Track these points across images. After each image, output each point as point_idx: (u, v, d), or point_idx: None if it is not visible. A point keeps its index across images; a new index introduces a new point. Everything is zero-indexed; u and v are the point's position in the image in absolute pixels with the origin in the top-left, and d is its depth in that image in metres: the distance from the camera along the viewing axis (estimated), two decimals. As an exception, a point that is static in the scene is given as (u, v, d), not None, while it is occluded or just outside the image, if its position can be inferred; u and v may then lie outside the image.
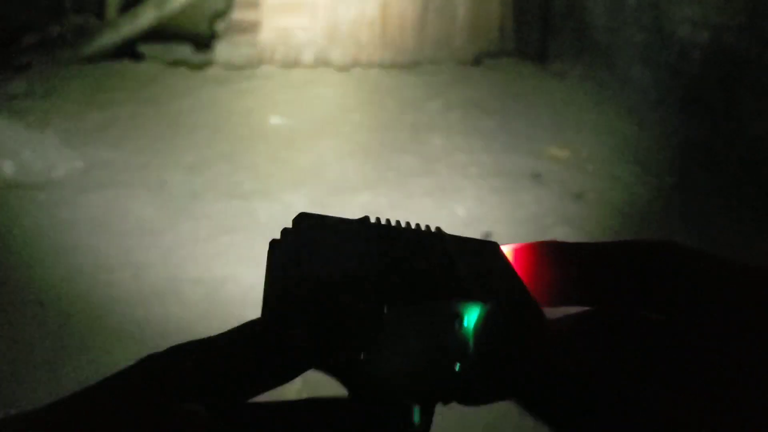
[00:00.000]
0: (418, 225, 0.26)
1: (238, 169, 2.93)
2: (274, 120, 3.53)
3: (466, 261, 0.24)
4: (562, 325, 0.23)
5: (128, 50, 4.25)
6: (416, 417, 0.22)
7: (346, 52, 4.48)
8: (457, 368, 0.22)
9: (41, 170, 2.82)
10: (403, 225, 0.26)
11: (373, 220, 0.26)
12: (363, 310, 0.21)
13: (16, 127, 3.12)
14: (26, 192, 2.66)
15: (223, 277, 2.14)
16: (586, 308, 0.24)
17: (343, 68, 4.40)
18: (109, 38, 4.26)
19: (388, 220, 0.26)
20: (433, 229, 0.26)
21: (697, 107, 3.40)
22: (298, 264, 0.23)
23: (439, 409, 0.23)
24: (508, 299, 0.23)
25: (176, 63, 4.21)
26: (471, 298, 0.22)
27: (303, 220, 0.25)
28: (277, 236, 0.27)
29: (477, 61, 4.60)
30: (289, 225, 0.26)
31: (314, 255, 0.23)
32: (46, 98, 3.60)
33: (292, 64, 4.39)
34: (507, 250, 0.26)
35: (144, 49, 4.28)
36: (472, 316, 0.22)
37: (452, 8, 4.62)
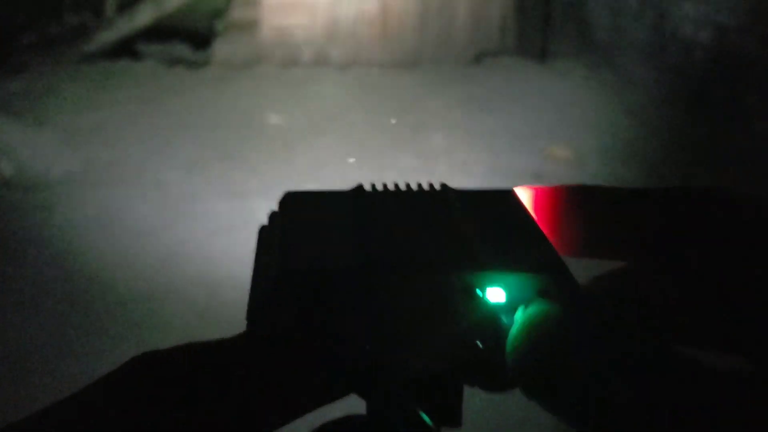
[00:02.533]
0: (420, 185, 0.24)
1: (237, 169, 2.92)
2: (273, 119, 3.52)
3: (477, 221, 0.22)
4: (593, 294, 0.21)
5: (127, 49, 4.24)
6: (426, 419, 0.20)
7: (345, 51, 4.47)
8: (480, 345, 0.20)
9: (39, 170, 2.81)
10: (404, 187, 0.23)
11: (368, 186, 0.24)
12: (359, 295, 0.19)
13: (14, 127, 3.11)
14: (24, 192, 2.65)
15: (223, 277, 2.13)
16: (617, 265, 0.22)
17: (343, 67, 4.39)
18: (107, 37, 4.25)
19: (385, 185, 0.24)
20: (438, 186, 0.24)
21: (700, 107, 3.39)
22: (285, 252, 0.21)
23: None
24: (529, 268, 0.20)
25: (175, 62, 4.20)
26: (482, 267, 0.20)
27: (289, 200, 0.23)
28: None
29: (477, 60, 4.59)
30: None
31: (301, 241, 0.21)
32: (44, 97, 3.59)
33: (291, 62, 4.38)
34: (527, 194, 0.23)
35: (142, 47, 4.27)
36: (487, 288, 0.20)
37: (452, 7, 4.61)
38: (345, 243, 0.21)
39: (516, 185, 0.25)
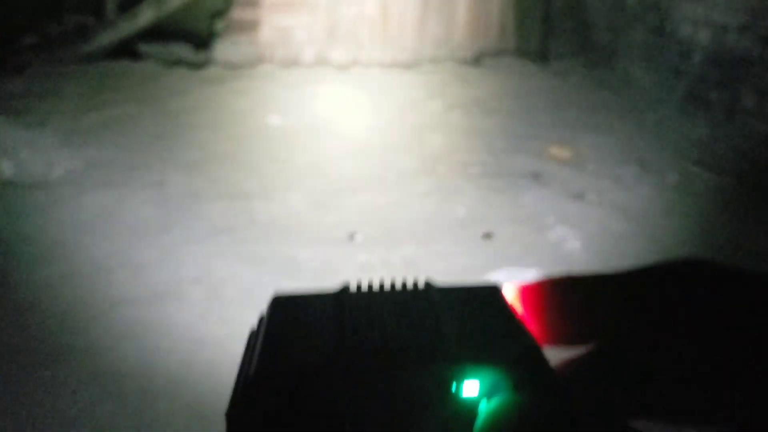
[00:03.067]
0: (404, 283, 0.24)
1: (237, 169, 2.92)
2: (274, 119, 3.52)
3: (457, 317, 0.22)
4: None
5: (127, 50, 4.24)
6: None
7: (345, 51, 4.48)
8: None
9: (40, 170, 2.81)
10: (388, 284, 0.24)
11: (354, 284, 0.24)
12: (334, 394, 0.20)
13: (14, 127, 3.11)
14: (25, 192, 2.65)
15: (223, 277, 2.14)
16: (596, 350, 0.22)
17: (343, 67, 4.40)
18: (108, 38, 4.25)
19: (370, 285, 0.24)
20: (422, 282, 0.24)
21: (698, 107, 3.39)
22: (264, 353, 0.21)
23: None
24: (504, 361, 0.20)
25: (175, 62, 4.21)
26: (457, 361, 0.20)
27: (276, 303, 0.24)
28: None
29: (477, 61, 4.59)
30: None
31: (282, 342, 0.22)
32: (45, 98, 3.59)
33: (291, 63, 4.38)
34: (512, 290, 0.24)
35: (143, 48, 4.27)
36: (463, 381, 0.20)
37: (452, 7, 4.61)
38: (324, 343, 0.21)
39: (515, 186, 0.26)
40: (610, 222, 2.54)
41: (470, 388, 0.20)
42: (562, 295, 0.23)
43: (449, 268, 2.21)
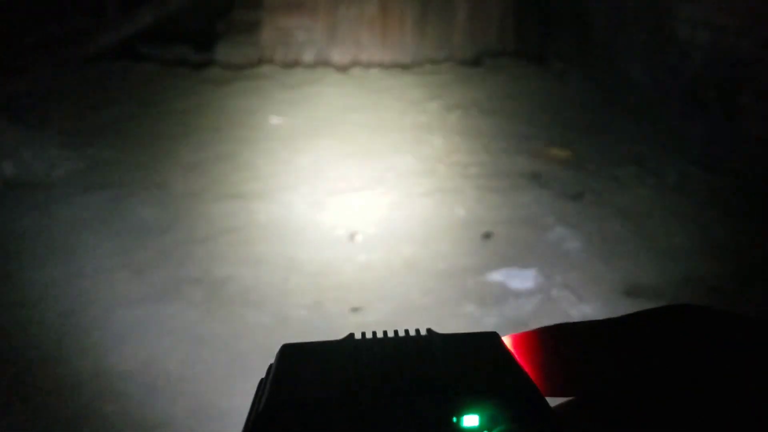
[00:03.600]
0: (407, 331, 0.26)
1: (237, 169, 2.93)
2: (274, 120, 3.53)
3: (457, 357, 0.24)
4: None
5: (128, 50, 4.25)
6: None
7: (346, 51, 4.48)
8: None
9: (41, 170, 2.82)
10: (390, 334, 0.25)
11: (358, 334, 0.26)
12: (340, 426, 0.20)
13: (16, 127, 3.12)
14: (26, 192, 2.66)
15: (223, 277, 2.14)
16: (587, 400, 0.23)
17: (343, 68, 4.40)
18: (109, 38, 4.26)
19: (374, 333, 0.25)
20: (423, 331, 0.26)
21: (697, 107, 3.40)
22: (272, 392, 0.23)
23: None
24: (502, 393, 0.21)
25: (176, 63, 4.21)
26: (456, 396, 0.21)
27: (285, 351, 0.25)
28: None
29: (477, 61, 4.60)
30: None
31: (289, 383, 0.23)
32: (47, 98, 3.60)
33: (292, 63, 4.39)
34: (507, 340, 0.25)
35: (144, 49, 4.28)
36: (463, 416, 0.21)
37: (452, 8, 4.62)
38: (331, 382, 0.23)
39: (515, 186, 0.26)
40: (609, 222, 2.54)
41: (470, 421, 0.21)
42: (556, 344, 0.24)
43: (449, 268, 2.22)
